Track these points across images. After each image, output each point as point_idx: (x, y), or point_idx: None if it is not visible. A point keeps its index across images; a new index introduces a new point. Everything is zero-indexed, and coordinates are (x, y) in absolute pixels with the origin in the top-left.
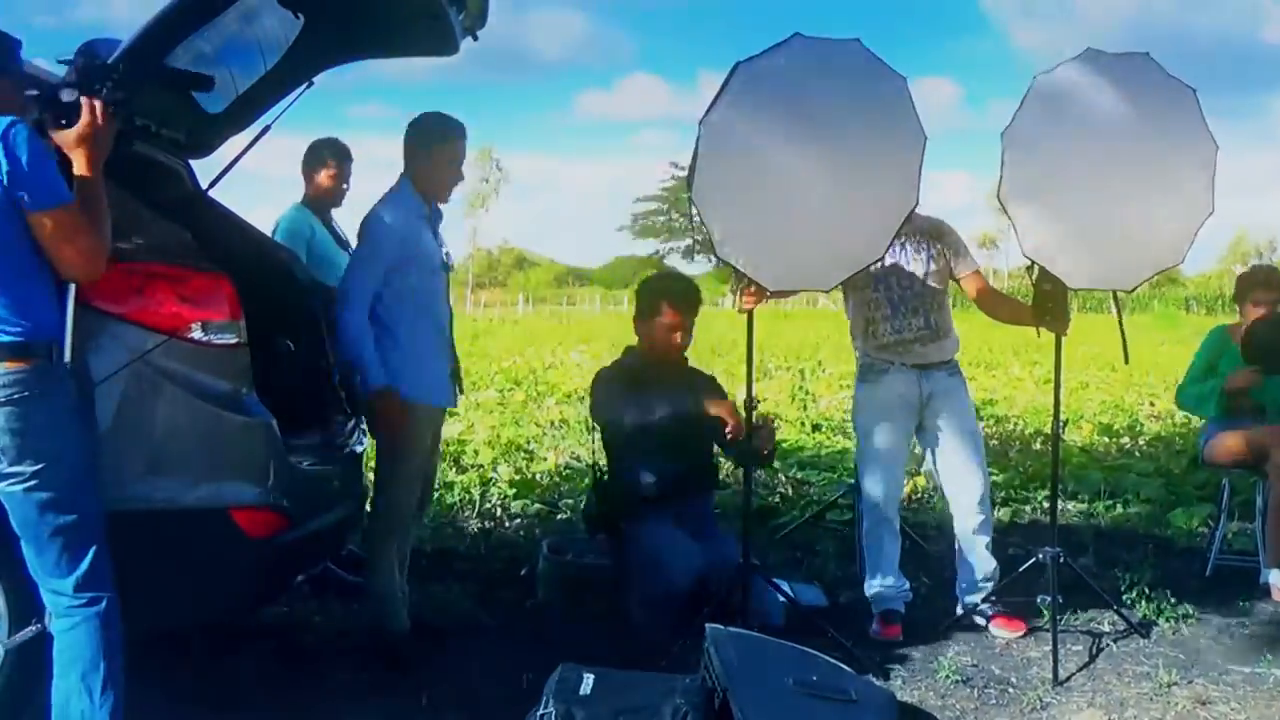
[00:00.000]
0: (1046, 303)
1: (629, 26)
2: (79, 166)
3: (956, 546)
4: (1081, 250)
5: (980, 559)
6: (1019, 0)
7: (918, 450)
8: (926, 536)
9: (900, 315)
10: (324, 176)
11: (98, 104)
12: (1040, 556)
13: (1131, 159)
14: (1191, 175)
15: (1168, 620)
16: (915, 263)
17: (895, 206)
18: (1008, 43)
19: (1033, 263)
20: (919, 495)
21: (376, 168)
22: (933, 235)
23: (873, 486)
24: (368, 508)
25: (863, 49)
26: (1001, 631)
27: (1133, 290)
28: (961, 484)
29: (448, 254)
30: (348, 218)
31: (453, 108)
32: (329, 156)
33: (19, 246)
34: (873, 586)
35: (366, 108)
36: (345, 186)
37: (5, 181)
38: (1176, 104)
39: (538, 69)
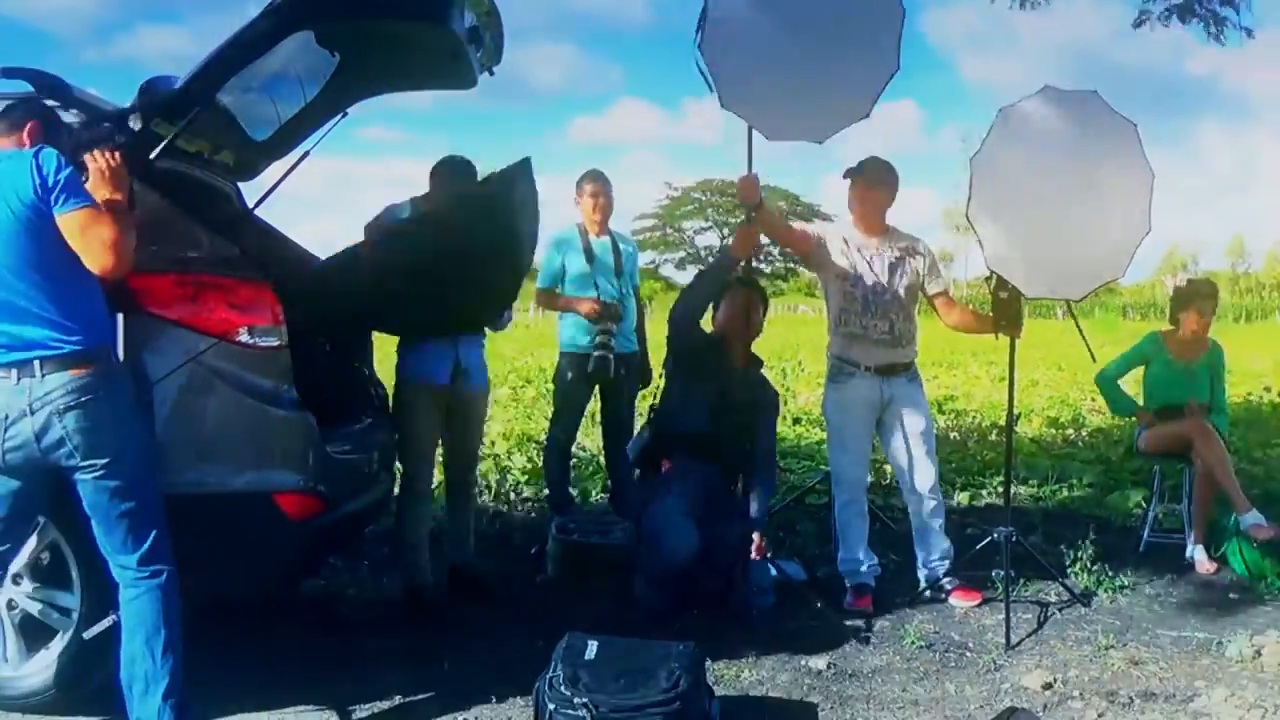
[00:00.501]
0: (1004, 309)
1: (617, 57)
2: (98, 197)
3: (914, 528)
4: (1037, 263)
5: (936, 539)
6: (965, 35)
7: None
8: (895, 519)
9: (869, 314)
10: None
11: (102, 157)
12: (995, 535)
13: (1081, 183)
14: (1132, 198)
15: (1106, 591)
16: (888, 275)
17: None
18: (956, 74)
19: (993, 273)
20: (888, 481)
21: (393, 185)
22: (908, 253)
23: (841, 473)
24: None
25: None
26: (960, 602)
27: (1081, 299)
28: (917, 474)
29: None
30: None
31: (457, 132)
32: (589, 185)
33: (67, 258)
34: (845, 562)
35: (378, 131)
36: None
37: (39, 193)
38: (1120, 136)
39: (534, 96)
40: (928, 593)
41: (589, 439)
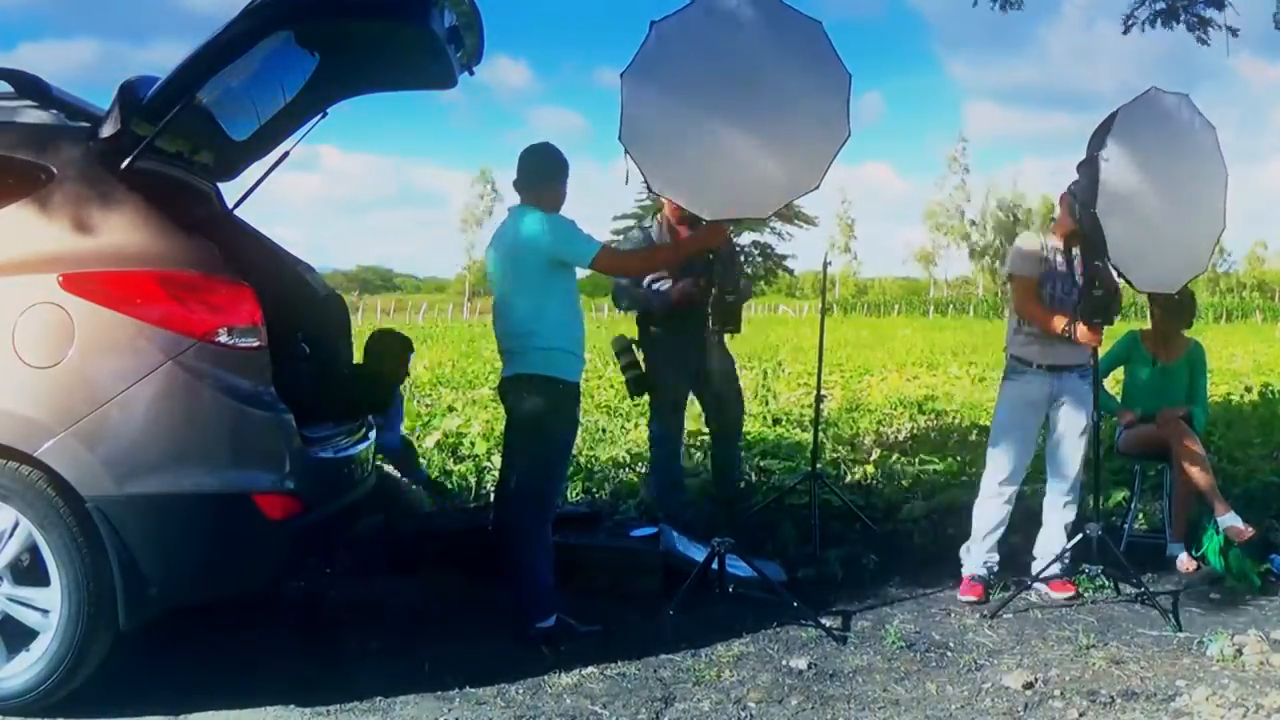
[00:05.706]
0: (1100, 305)
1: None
2: None
3: (1044, 520)
4: (1148, 259)
5: (1058, 533)
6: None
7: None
8: (875, 519)
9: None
10: None
11: None
12: (1087, 531)
13: (1176, 182)
14: (1212, 197)
15: (1086, 590)
16: (1069, 272)
17: (829, 140)
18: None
19: (1091, 272)
20: (868, 481)
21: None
22: (1074, 249)
23: (996, 466)
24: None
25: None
26: (1057, 594)
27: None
28: (1064, 471)
29: None
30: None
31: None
32: None
33: None
34: (970, 551)
35: None
36: None
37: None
38: (1204, 138)
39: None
40: (1030, 584)
41: None
